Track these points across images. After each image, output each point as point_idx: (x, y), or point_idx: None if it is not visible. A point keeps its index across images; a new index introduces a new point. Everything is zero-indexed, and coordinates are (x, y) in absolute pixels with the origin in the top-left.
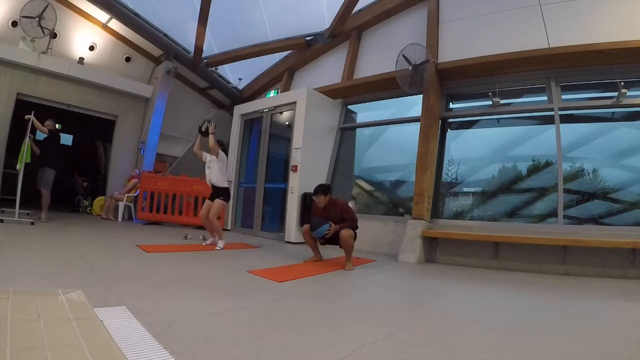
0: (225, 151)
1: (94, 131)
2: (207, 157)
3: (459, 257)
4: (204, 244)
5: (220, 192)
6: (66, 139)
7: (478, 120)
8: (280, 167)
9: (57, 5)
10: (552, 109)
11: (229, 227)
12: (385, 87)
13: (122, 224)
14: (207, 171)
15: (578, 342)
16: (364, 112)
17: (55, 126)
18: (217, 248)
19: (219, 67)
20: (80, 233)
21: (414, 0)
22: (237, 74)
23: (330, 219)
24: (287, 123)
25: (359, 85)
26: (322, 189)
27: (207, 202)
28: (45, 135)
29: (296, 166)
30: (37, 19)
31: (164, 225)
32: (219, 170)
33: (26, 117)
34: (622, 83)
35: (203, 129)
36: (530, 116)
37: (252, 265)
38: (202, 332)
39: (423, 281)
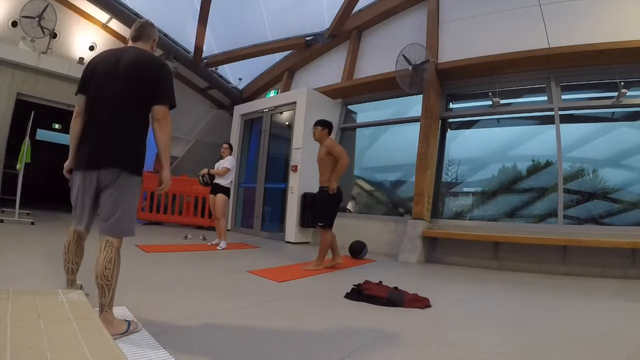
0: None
1: None
2: (221, 162)
3: (459, 257)
4: (209, 243)
5: (221, 188)
6: (66, 139)
7: (478, 120)
8: (280, 167)
9: (57, 5)
10: (552, 109)
11: (229, 227)
12: (385, 87)
13: None
14: (215, 165)
15: (578, 342)
16: (364, 112)
17: None
18: (218, 248)
19: (219, 67)
20: None
21: (414, 0)
22: (237, 74)
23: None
24: (287, 123)
25: (359, 85)
26: (321, 121)
27: (212, 198)
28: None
29: (296, 166)
30: (37, 19)
31: (164, 225)
32: (225, 174)
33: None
34: (622, 83)
35: (205, 181)
36: (530, 116)
37: (252, 265)
38: (202, 332)
39: (423, 281)
